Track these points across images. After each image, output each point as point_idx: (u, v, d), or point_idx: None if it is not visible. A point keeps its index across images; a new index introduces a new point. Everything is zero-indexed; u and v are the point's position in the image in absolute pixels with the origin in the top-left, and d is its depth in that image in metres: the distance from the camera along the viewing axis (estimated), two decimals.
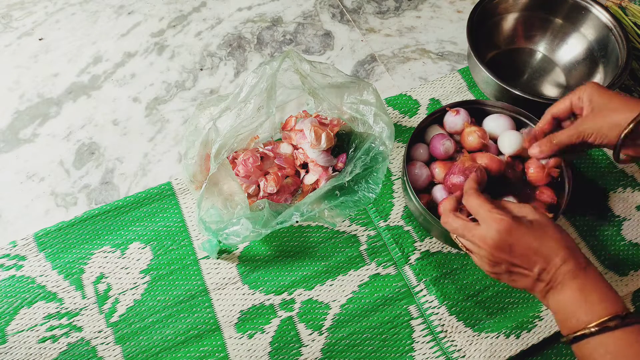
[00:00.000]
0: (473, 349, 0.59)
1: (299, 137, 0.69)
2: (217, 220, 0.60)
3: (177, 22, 0.91)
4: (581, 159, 0.73)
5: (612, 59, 0.74)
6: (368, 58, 0.86)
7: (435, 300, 0.62)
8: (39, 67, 0.85)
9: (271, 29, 0.90)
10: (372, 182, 0.62)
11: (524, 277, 0.47)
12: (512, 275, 0.48)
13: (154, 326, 0.61)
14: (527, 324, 0.61)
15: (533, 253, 0.46)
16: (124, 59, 0.86)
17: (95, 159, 0.75)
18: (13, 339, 0.60)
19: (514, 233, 0.46)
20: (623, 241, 0.67)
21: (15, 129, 0.78)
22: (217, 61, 0.86)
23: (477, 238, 0.48)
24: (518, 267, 0.47)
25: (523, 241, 0.46)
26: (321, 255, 0.66)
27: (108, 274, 0.64)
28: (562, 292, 0.45)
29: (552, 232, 0.47)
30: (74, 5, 0.93)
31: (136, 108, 0.80)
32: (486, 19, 0.79)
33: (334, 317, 0.62)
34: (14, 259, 0.65)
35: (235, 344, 0.60)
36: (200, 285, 0.64)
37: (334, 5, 0.93)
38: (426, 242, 0.66)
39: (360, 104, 0.63)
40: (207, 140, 0.60)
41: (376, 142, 0.62)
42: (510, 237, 0.46)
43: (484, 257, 0.49)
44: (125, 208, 0.69)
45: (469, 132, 0.66)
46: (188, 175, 0.62)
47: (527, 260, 0.46)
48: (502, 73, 0.70)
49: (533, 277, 0.46)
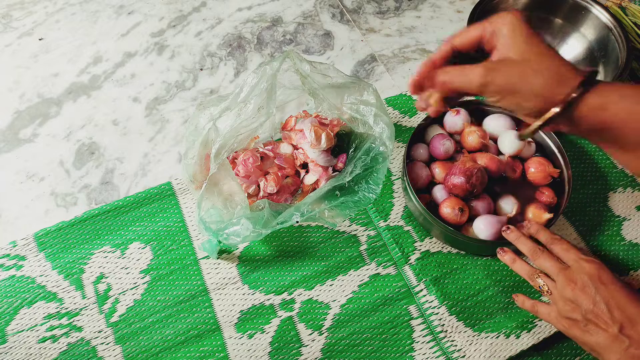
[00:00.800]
0: (473, 349, 0.59)
1: (299, 137, 0.69)
2: (217, 220, 0.60)
3: (177, 22, 0.91)
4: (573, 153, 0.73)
5: (612, 59, 0.74)
6: (368, 58, 0.86)
7: (435, 300, 0.62)
8: (39, 67, 0.85)
9: (271, 29, 0.90)
10: (372, 182, 0.62)
11: (602, 330, 0.44)
12: (587, 325, 0.46)
13: (154, 326, 0.61)
14: (527, 324, 0.61)
15: (616, 307, 0.44)
16: (124, 59, 0.86)
17: (95, 159, 0.75)
18: (13, 339, 0.60)
19: (601, 279, 0.46)
20: (623, 241, 0.67)
21: (15, 129, 0.78)
22: (217, 61, 0.86)
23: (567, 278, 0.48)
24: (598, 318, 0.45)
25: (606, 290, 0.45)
26: (321, 255, 0.66)
27: (108, 274, 0.64)
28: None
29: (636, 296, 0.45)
30: (74, 5, 0.93)
31: (136, 108, 0.80)
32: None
33: (334, 317, 0.62)
34: (14, 259, 0.65)
35: (235, 344, 0.60)
36: (200, 285, 0.64)
37: (334, 5, 0.93)
38: (426, 242, 0.66)
39: (361, 104, 0.63)
40: (207, 140, 0.60)
41: (376, 143, 0.62)
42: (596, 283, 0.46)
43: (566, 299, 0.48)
44: (125, 208, 0.69)
45: (469, 132, 0.66)
46: (188, 175, 0.62)
47: (608, 311, 0.44)
48: None
49: (611, 332, 0.43)
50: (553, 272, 0.51)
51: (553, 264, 0.51)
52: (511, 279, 0.64)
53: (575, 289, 0.47)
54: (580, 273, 0.47)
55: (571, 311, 0.47)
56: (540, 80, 0.38)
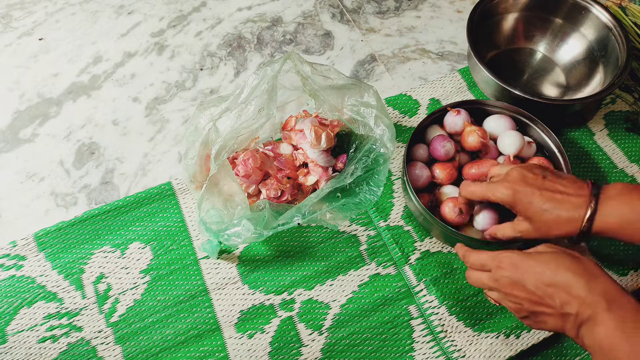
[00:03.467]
0: (473, 349, 0.60)
1: (299, 137, 0.69)
2: (218, 221, 0.60)
3: (177, 22, 0.91)
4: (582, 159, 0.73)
5: (612, 59, 0.74)
6: (368, 58, 0.86)
7: (435, 300, 0.62)
8: (39, 67, 0.85)
9: (271, 29, 0.90)
10: (373, 184, 0.62)
11: (549, 315, 0.44)
12: (538, 316, 0.45)
13: (154, 326, 0.61)
14: None
15: (547, 285, 0.43)
16: (124, 59, 0.86)
17: (95, 159, 0.75)
18: (13, 339, 0.61)
19: (520, 266, 0.45)
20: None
21: (15, 129, 0.78)
22: (217, 61, 0.86)
23: (492, 283, 0.47)
24: (539, 305, 0.44)
25: (533, 273, 0.44)
26: (321, 255, 0.66)
27: (108, 274, 0.64)
28: (594, 328, 0.40)
29: (566, 261, 0.44)
30: (74, 5, 0.93)
31: (136, 108, 0.80)
32: (486, 19, 0.79)
33: (334, 317, 0.62)
34: (14, 259, 0.65)
35: (235, 344, 0.60)
36: (200, 285, 0.64)
37: (334, 5, 0.93)
38: (426, 242, 0.66)
39: (361, 106, 0.63)
40: (207, 140, 0.60)
41: (377, 144, 0.62)
42: (518, 271, 0.45)
43: (506, 302, 0.47)
44: (125, 208, 0.69)
45: (469, 132, 0.66)
46: (188, 175, 0.62)
47: (545, 295, 0.43)
48: (502, 73, 0.70)
49: (557, 312, 0.43)
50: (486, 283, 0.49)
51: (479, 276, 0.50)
52: None
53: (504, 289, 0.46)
54: (498, 270, 0.46)
55: (518, 311, 0.47)
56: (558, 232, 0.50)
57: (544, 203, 0.49)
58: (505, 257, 0.47)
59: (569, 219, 0.48)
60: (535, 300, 0.44)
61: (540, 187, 0.51)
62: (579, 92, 0.77)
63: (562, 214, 0.49)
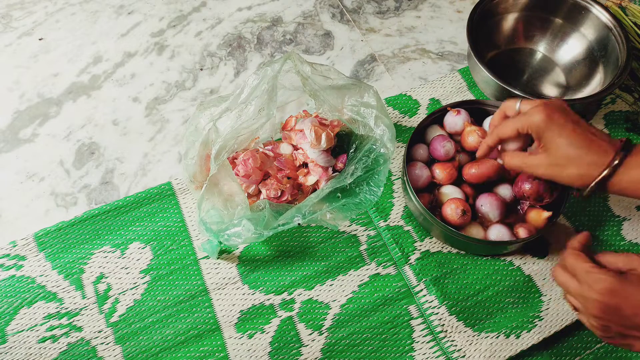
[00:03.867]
0: (473, 349, 0.60)
1: (299, 137, 0.69)
2: (218, 221, 0.60)
3: (177, 22, 0.91)
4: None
5: (612, 59, 0.74)
6: (368, 58, 0.86)
7: (435, 300, 0.62)
8: (39, 67, 0.85)
9: (271, 29, 0.90)
10: (373, 184, 0.62)
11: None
12: (627, 339, 0.43)
13: (154, 326, 0.61)
14: (527, 324, 0.61)
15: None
16: (124, 59, 0.86)
17: (95, 159, 0.75)
18: (13, 339, 0.61)
19: (618, 293, 0.42)
20: (623, 241, 0.67)
21: (15, 129, 0.78)
22: (217, 61, 0.86)
23: (579, 297, 0.45)
24: (633, 330, 0.42)
25: (632, 300, 0.41)
26: (321, 255, 0.66)
27: (108, 274, 0.64)
28: None
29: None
30: (74, 5, 0.93)
31: (136, 108, 0.80)
32: (486, 19, 0.79)
33: (334, 317, 0.62)
34: (14, 259, 0.65)
35: (235, 344, 0.60)
36: (200, 285, 0.64)
37: (334, 5, 0.93)
38: (426, 242, 0.66)
39: (361, 106, 0.63)
40: (207, 140, 0.60)
41: (377, 144, 0.62)
42: (615, 299, 0.42)
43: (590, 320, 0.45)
44: (125, 208, 0.69)
45: (469, 132, 0.66)
46: (188, 175, 0.62)
47: None
48: (502, 73, 0.70)
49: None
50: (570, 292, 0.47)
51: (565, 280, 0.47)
52: (511, 279, 0.64)
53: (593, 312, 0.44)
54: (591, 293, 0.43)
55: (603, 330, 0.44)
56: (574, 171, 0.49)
57: (575, 137, 0.48)
58: (600, 281, 0.43)
59: (591, 163, 0.47)
60: (629, 325, 0.42)
61: (576, 121, 0.49)
62: (579, 92, 0.77)
63: (587, 154, 0.48)
